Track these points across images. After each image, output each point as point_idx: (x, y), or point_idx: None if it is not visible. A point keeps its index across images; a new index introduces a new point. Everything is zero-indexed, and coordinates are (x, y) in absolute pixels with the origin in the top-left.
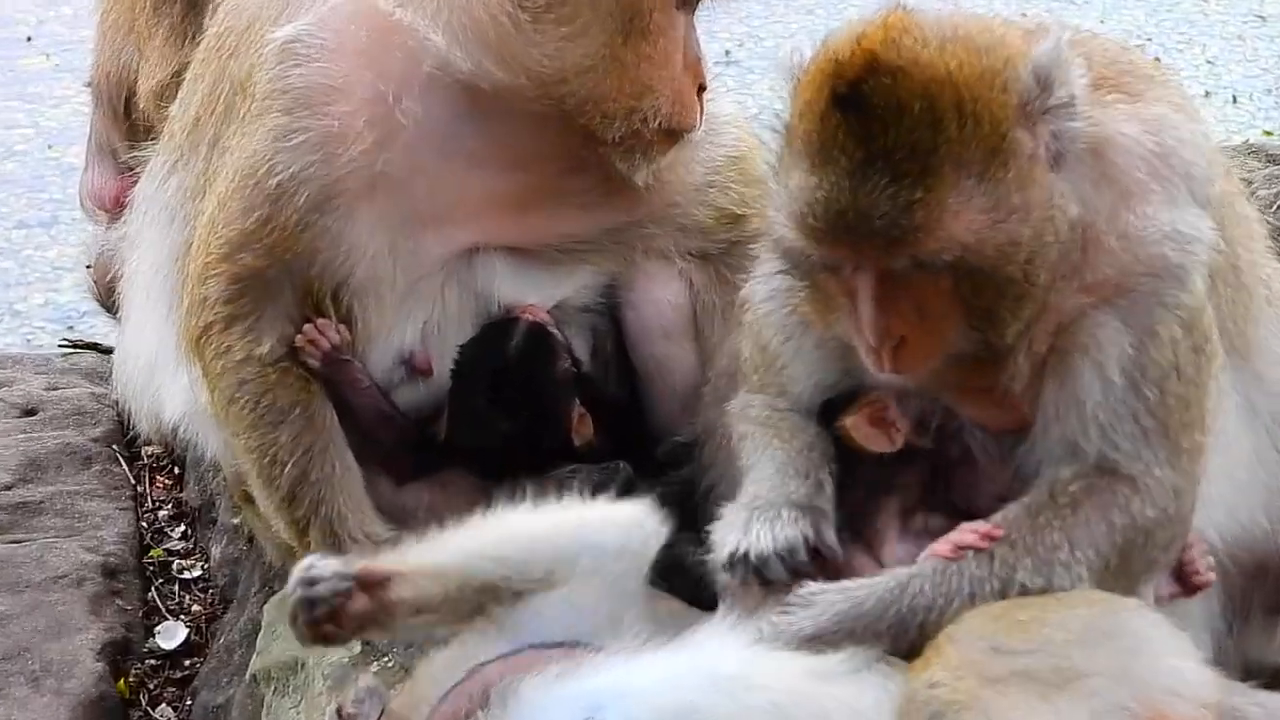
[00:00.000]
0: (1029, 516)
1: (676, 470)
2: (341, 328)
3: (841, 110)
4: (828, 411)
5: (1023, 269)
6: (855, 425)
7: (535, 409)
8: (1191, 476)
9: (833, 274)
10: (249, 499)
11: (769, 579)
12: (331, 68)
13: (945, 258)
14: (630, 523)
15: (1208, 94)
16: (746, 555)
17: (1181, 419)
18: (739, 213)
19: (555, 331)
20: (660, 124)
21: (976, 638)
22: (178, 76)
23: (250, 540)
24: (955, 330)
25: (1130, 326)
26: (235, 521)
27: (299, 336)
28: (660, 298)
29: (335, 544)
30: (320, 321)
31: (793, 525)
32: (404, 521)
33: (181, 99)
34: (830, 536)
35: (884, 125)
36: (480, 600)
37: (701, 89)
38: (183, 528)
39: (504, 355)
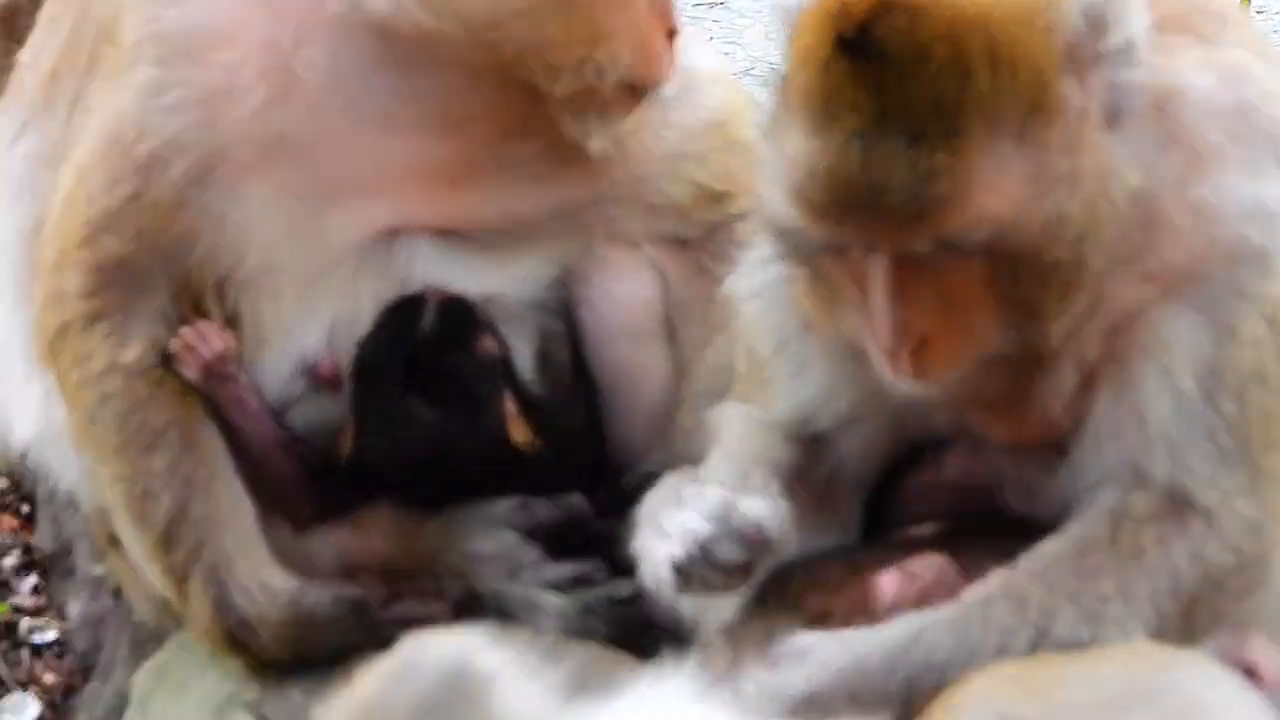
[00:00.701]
0: (1076, 556)
1: None
2: (227, 331)
3: (848, 57)
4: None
5: (1072, 251)
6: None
7: (458, 401)
8: (1275, 509)
9: (839, 259)
10: (116, 542)
11: (724, 566)
12: (215, 8)
13: (977, 237)
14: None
15: None
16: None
17: (1265, 437)
18: (721, 189)
19: (474, 306)
20: (620, 78)
21: (982, 705)
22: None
23: (117, 594)
24: (989, 327)
25: (1205, 323)
26: (98, 571)
27: (174, 341)
28: (624, 292)
29: (221, 594)
30: (201, 324)
31: (717, 495)
32: (310, 572)
33: (34, 45)
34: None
35: (900, 75)
36: None
37: (672, 35)
38: (33, 579)
39: (413, 337)
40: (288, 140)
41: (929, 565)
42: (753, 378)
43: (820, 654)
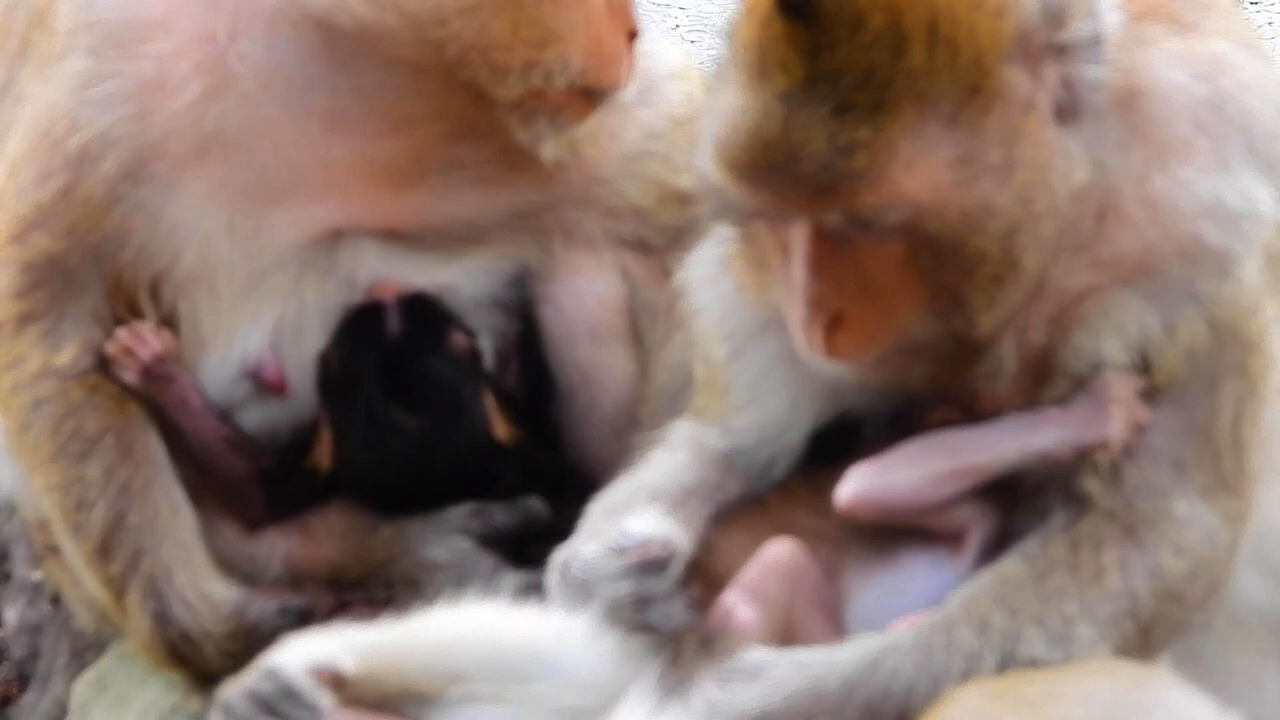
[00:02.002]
0: (1036, 578)
1: None
2: (165, 332)
3: (786, 15)
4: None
5: (1000, 244)
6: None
7: (440, 404)
8: (1234, 517)
9: (766, 223)
10: (54, 548)
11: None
12: None
13: (893, 218)
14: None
15: None
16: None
17: (1222, 443)
18: (685, 189)
19: (435, 300)
20: (571, 82)
21: None
22: None
23: (55, 601)
24: (910, 312)
25: (1150, 317)
26: (36, 577)
27: (109, 343)
28: (586, 290)
29: (161, 607)
30: (137, 325)
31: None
32: (255, 579)
33: None
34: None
35: (833, 40)
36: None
37: (632, 36)
38: None
39: (381, 343)
40: (225, 136)
41: (780, 552)
42: (710, 385)
43: (774, 674)
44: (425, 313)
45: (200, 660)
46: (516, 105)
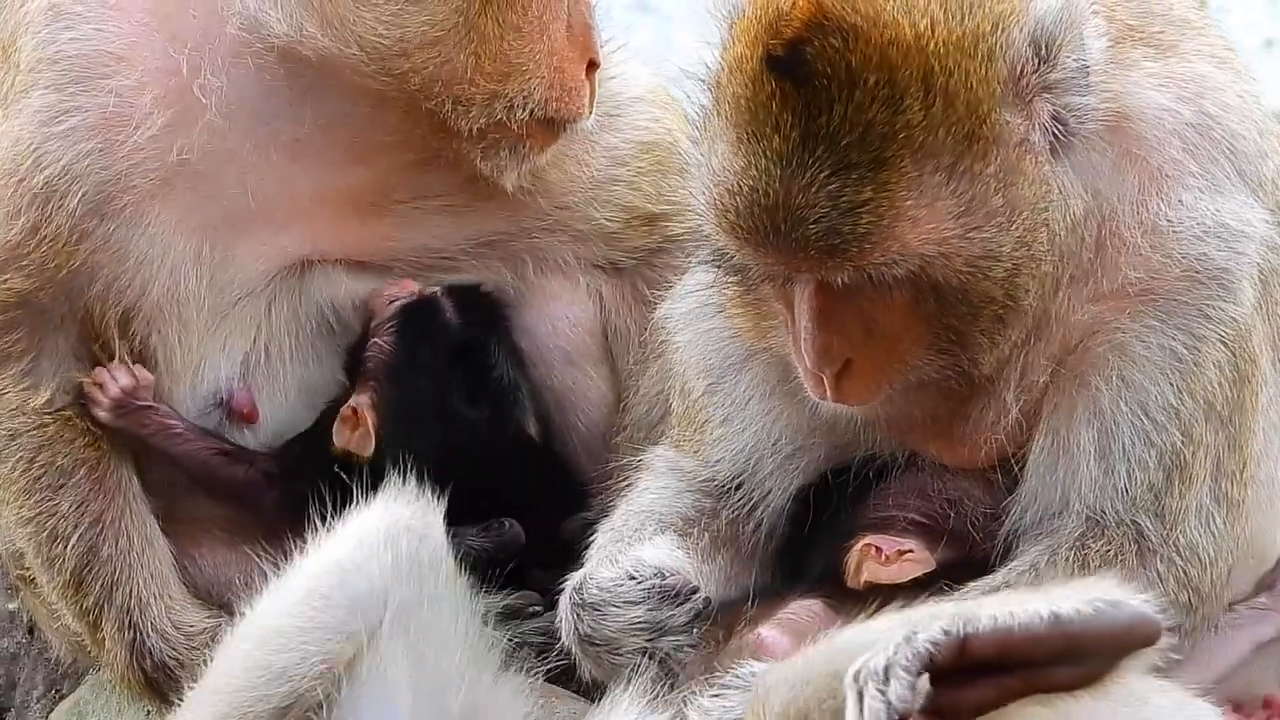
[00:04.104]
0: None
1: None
2: (138, 368)
3: (777, 76)
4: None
5: (1003, 286)
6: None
7: (496, 396)
8: (1228, 539)
9: (764, 278)
10: (29, 578)
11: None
12: (110, 30)
13: (900, 272)
14: (390, 532)
15: (1270, 43)
16: (581, 590)
17: (1218, 466)
18: (655, 211)
19: (493, 293)
20: (533, 113)
21: None
22: None
23: (31, 631)
24: (916, 354)
25: (1168, 342)
26: (11, 607)
27: (86, 382)
28: (558, 314)
29: (136, 637)
30: (108, 366)
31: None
32: (228, 601)
33: None
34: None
35: (828, 99)
36: None
37: (593, 66)
38: None
39: (442, 335)
40: (189, 167)
41: (807, 610)
42: (687, 419)
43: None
44: (484, 304)
45: (177, 690)
46: (479, 136)
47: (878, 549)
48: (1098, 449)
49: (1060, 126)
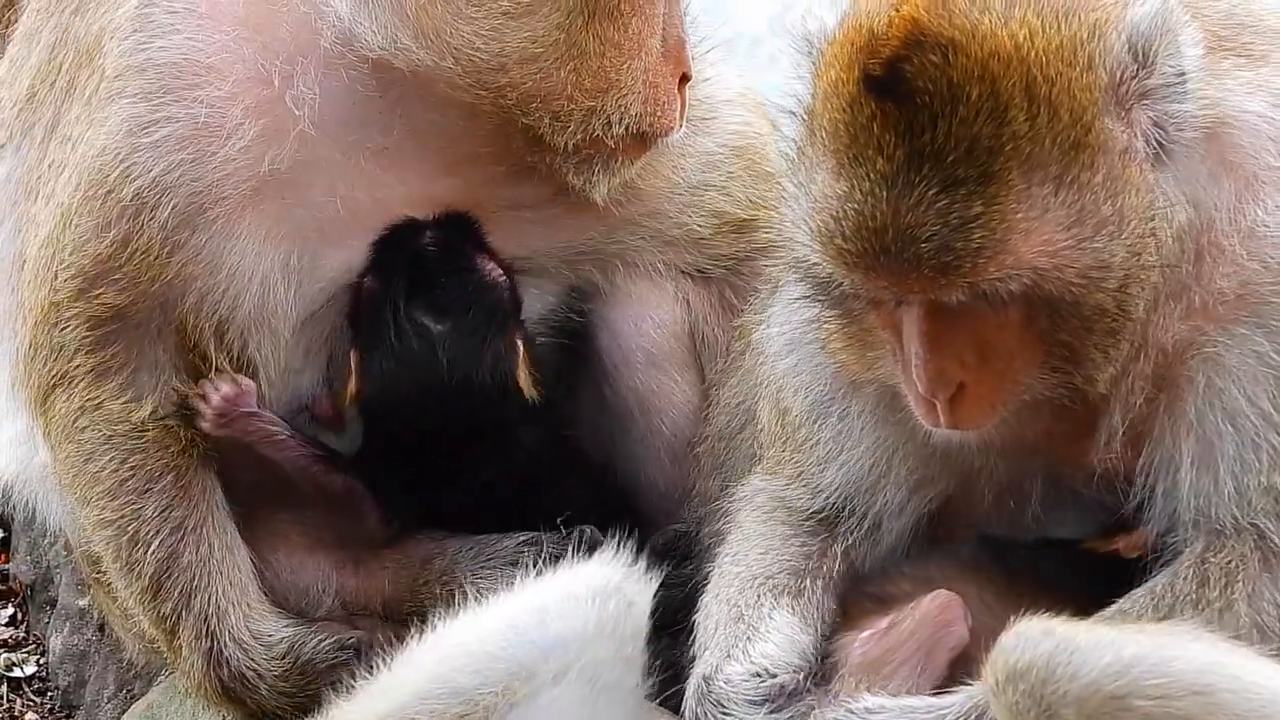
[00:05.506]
0: (1164, 613)
1: (678, 565)
2: (240, 376)
3: (876, 96)
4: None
5: (1115, 297)
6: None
7: (465, 312)
8: None
9: (871, 304)
10: (105, 583)
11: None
12: (203, 40)
13: (1014, 287)
14: (600, 591)
15: None
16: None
17: None
18: (745, 218)
19: (477, 223)
20: (628, 128)
21: None
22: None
23: (101, 629)
24: (1030, 373)
25: (1268, 347)
26: (82, 604)
27: (189, 393)
28: (645, 315)
29: (214, 646)
30: (214, 375)
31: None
32: (307, 613)
33: (11, 60)
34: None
35: (931, 116)
36: None
37: (685, 80)
38: (11, 610)
39: (417, 250)
40: (279, 177)
41: (938, 601)
42: (784, 439)
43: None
44: (463, 230)
45: (255, 698)
46: (573, 151)
47: None
48: (1201, 461)
49: (1161, 133)
